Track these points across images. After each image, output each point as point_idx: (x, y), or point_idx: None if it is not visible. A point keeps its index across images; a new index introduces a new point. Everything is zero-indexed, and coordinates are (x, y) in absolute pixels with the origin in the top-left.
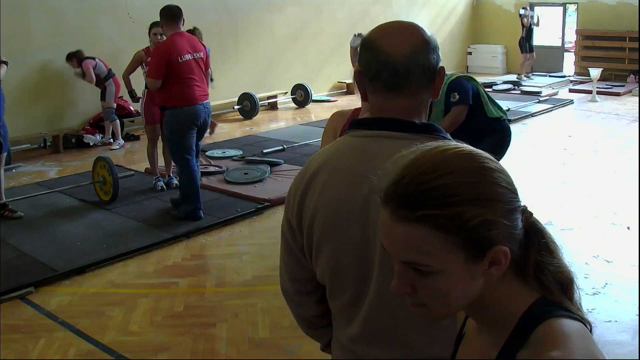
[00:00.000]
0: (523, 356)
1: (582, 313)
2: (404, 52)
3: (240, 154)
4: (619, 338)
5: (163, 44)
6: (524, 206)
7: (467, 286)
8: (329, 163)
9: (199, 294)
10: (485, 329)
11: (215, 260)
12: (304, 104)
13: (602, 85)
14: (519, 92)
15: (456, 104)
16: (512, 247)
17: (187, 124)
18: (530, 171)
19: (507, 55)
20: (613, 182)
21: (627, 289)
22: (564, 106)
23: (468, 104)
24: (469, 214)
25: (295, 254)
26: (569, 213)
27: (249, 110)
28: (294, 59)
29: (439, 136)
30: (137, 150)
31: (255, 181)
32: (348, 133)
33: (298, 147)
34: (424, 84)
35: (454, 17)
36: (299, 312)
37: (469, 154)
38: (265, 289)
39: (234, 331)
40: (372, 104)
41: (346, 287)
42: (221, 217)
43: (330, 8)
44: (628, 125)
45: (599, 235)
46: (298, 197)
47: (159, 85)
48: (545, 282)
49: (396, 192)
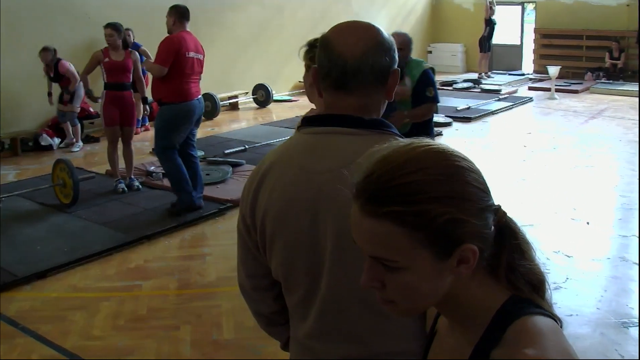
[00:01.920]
0: (497, 354)
1: (554, 310)
2: (354, 52)
3: (202, 155)
4: (580, 331)
5: (175, 36)
6: (497, 206)
7: (435, 283)
8: (281, 160)
9: (162, 296)
10: (458, 328)
11: (178, 262)
12: (265, 104)
13: (561, 83)
14: (479, 90)
15: (431, 100)
16: (482, 246)
17: (183, 120)
18: (490, 168)
19: (467, 53)
20: (572, 178)
21: (587, 282)
22: (523, 104)
23: (438, 102)
24: (436, 212)
25: (251, 251)
26: (530, 209)
27: (210, 110)
28: (255, 59)
29: (387, 132)
30: (97, 152)
31: (217, 182)
32: (299, 130)
33: (260, 147)
34: (374, 84)
35: (414, 16)
36: (257, 308)
37: (441, 152)
38: (229, 290)
39: (198, 333)
40: (324, 101)
41: (299, 282)
42: (184, 219)
43: (291, 7)
44: (586, 122)
45: (560, 231)
46: (251, 194)
47: (164, 73)
48: (516, 282)
49: (365, 187)
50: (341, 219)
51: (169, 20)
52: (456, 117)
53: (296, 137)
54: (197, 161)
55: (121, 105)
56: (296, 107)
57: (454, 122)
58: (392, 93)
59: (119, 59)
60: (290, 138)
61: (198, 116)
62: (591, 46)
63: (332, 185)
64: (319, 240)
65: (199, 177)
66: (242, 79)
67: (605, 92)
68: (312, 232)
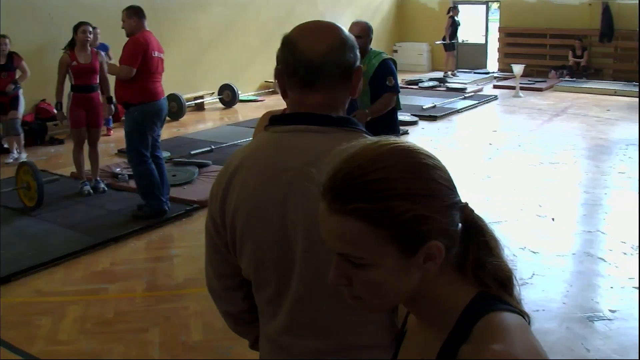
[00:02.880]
0: (465, 350)
1: (522, 307)
2: (319, 50)
3: (168, 156)
4: (546, 326)
5: (141, 36)
6: (464, 203)
7: (402, 280)
8: (249, 159)
9: (129, 299)
10: (427, 325)
11: (145, 264)
12: (231, 104)
13: (525, 81)
14: (444, 88)
15: (391, 90)
16: (448, 243)
17: (153, 119)
18: (456, 166)
19: (432, 52)
20: (537, 175)
21: (553, 278)
22: (488, 102)
23: (398, 92)
24: (401, 209)
25: (220, 251)
26: (496, 206)
27: (176, 111)
28: (220, 59)
29: (354, 129)
30: (62, 154)
31: (184, 183)
32: (267, 129)
33: (226, 148)
34: (339, 81)
35: (379, 16)
36: (226, 308)
37: (407, 149)
38: (198, 291)
39: (166, 335)
40: (290, 100)
41: (270, 279)
42: (150, 221)
43: (255, 7)
44: (550, 120)
45: (525, 228)
46: (220, 194)
47: (132, 74)
48: (484, 278)
49: (332, 185)
50: (310, 216)
51: (130, 22)
52: (422, 116)
53: (264, 136)
54: (163, 162)
55: (88, 107)
56: (262, 107)
57: (420, 120)
58: (356, 90)
59: (86, 61)
60: (257, 137)
61: (164, 116)
62: (555, 45)
63: (301, 183)
64: (289, 237)
65: (165, 179)
66: (208, 79)
67: (568, 90)
68: (282, 229)
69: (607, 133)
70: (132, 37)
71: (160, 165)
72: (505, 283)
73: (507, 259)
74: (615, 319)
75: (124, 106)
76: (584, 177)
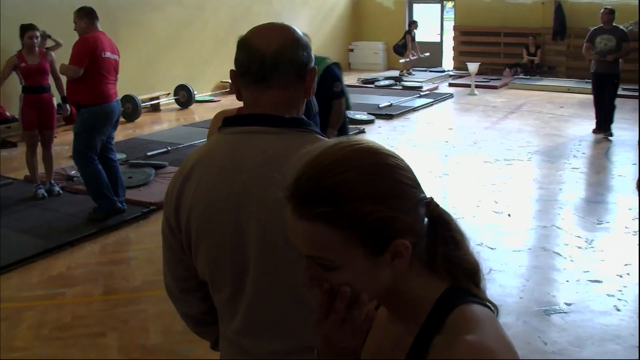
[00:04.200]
0: (439, 341)
1: (488, 298)
2: (272, 46)
3: (124, 158)
4: (504, 320)
5: (90, 36)
6: (429, 199)
7: (373, 279)
8: (203, 161)
9: (86, 303)
10: (399, 318)
11: (102, 268)
12: (187, 104)
13: (480, 79)
14: (400, 87)
15: (339, 96)
16: (415, 240)
17: (104, 122)
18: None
19: (388, 51)
20: (493, 172)
21: (510, 273)
22: (444, 100)
23: (345, 95)
24: (366, 210)
25: (176, 253)
26: (453, 203)
27: (131, 112)
28: (176, 59)
29: (308, 130)
30: (15, 158)
31: (140, 185)
32: (221, 131)
33: (182, 149)
34: (293, 79)
35: (335, 15)
36: (184, 310)
37: (369, 150)
38: (156, 293)
39: (125, 339)
40: (244, 100)
41: (226, 281)
42: (107, 224)
43: (212, 7)
44: (505, 117)
45: (482, 224)
46: (175, 196)
47: (80, 74)
48: (453, 271)
49: (296, 189)
50: (265, 216)
51: (81, 22)
52: (378, 115)
53: (218, 138)
54: (117, 164)
55: (40, 109)
56: (219, 107)
57: (377, 119)
58: (310, 90)
59: (34, 62)
60: (211, 139)
61: (117, 118)
62: (509, 43)
63: (255, 184)
64: (244, 238)
65: (120, 181)
66: (163, 80)
67: (523, 88)
68: (236, 230)
69: (560, 130)
70: (81, 37)
71: (114, 167)
72: (473, 275)
73: (473, 252)
74: (571, 312)
75: (74, 107)
76: (539, 173)
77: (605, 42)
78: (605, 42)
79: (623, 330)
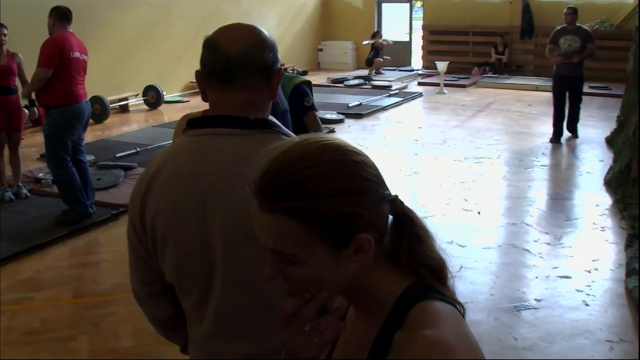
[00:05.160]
0: (399, 336)
1: (455, 296)
2: (238, 46)
3: (93, 159)
4: (475, 317)
5: (57, 36)
6: (394, 196)
7: (336, 274)
8: (168, 163)
9: (56, 307)
10: (364, 314)
11: (71, 271)
12: (156, 105)
13: (449, 78)
14: (370, 86)
15: (311, 109)
16: (378, 235)
17: (74, 123)
18: (383, 163)
19: (357, 51)
20: (462, 170)
21: (480, 271)
22: (413, 99)
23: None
24: (329, 206)
25: (142, 256)
26: (423, 202)
27: (100, 113)
28: (145, 60)
29: (273, 131)
30: None
31: (109, 186)
32: (185, 133)
33: (152, 150)
34: (259, 79)
35: (304, 14)
36: (152, 314)
37: (335, 147)
38: (126, 296)
39: (95, 343)
40: (209, 100)
41: (193, 284)
42: (76, 226)
43: (180, 7)
44: (474, 116)
45: (452, 222)
46: (139, 199)
47: (49, 75)
48: (418, 268)
49: (262, 184)
50: (231, 218)
51: (49, 21)
52: (348, 114)
53: (182, 140)
54: (86, 166)
55: (7, 110)
56: (188, 107)
57: (346, 118)
58: (276, 92)
59: (2, 62)
60: (176, 141)
61: (86, 119)
62: (477, 42)
63: (220, 186)
64: (210, 240)
65: (89, 183)
66: (132, 81)
67: (491, 86)
68: (202, 233)
69: (529, 127)
70: (49, 37)
71: (84, 169)
72: (437, 273)
73: (439, 249)
74: (541, 308)
75: (44, 108)
76: (508, 171)
77: (569, 42)
78: (570, 43)
79: (592, 324)
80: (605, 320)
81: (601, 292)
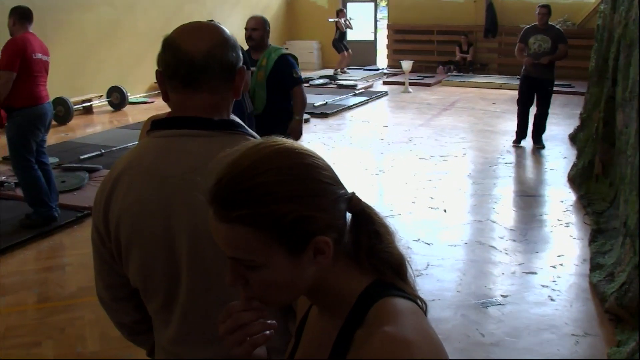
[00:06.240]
0: (360, 334)
1: (416, 292)
2: (201, 48)
3: (57, 161)
4: (442, 315)
5: (19, 38)
6: (350, 194)
7: (296, 277)
8: (131, 165)
9: (20, 312)
10: (326, 313)
11: (35, 275)
12: (120, 106)
13: (414, 77)
14: (335, 86)
15: (299, 82)
16: (336, 236)
17: (37, 124)
18: (349, 162)
19: (323, 50)
20: (428, 168)
21: (447, 268)
22: (379, 98)
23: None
24: (283, 211)
25: (107, 261)
26: (389, 200)
27: (63, 115)
28: (108, 60)
29: (238, 132)
30: None
31: (74, 189)
32: (149, 134)
33: (117, 151)
34: (223, 80)
35: (269, 14)
36: (118, 319)
37: (287, 151)
38: (92, 300)
39: (61, 348)
40: (173, 102)
41: (158, 289)
42: (40, 229)
43: (143, 6)
44: (439, 114)
45: (419, 220)
46: (103, 203)
47: (13, 77)
48: (378, 265)
49: (216, 193)
50: (195, 222)
51: (9, 21)
52: (313, 113)
53: (146, 142)
54: (50, 168)
55: None
56: (152, 108)
57: (312, 118)
58: (239, 91)
59: None
60: (139, 143)
61: (49, 121)
62: (442, 40)
63: (184, 189)
64: (175, 244)
65: (53, 186)
66: (95, 82)
67: (456, 85)
68: (166, 237)
69: (493, 125)
70: (10, 39)
71: (47, 172)
72: (397, 269)
73: (398, 246)
74: (507, 304)
75: (6, 110)
76: (473, 168)
77: (539, 43)
78: (540, 43)
79: (557, 319)
80: (571, 315)
81: (566, 287)
